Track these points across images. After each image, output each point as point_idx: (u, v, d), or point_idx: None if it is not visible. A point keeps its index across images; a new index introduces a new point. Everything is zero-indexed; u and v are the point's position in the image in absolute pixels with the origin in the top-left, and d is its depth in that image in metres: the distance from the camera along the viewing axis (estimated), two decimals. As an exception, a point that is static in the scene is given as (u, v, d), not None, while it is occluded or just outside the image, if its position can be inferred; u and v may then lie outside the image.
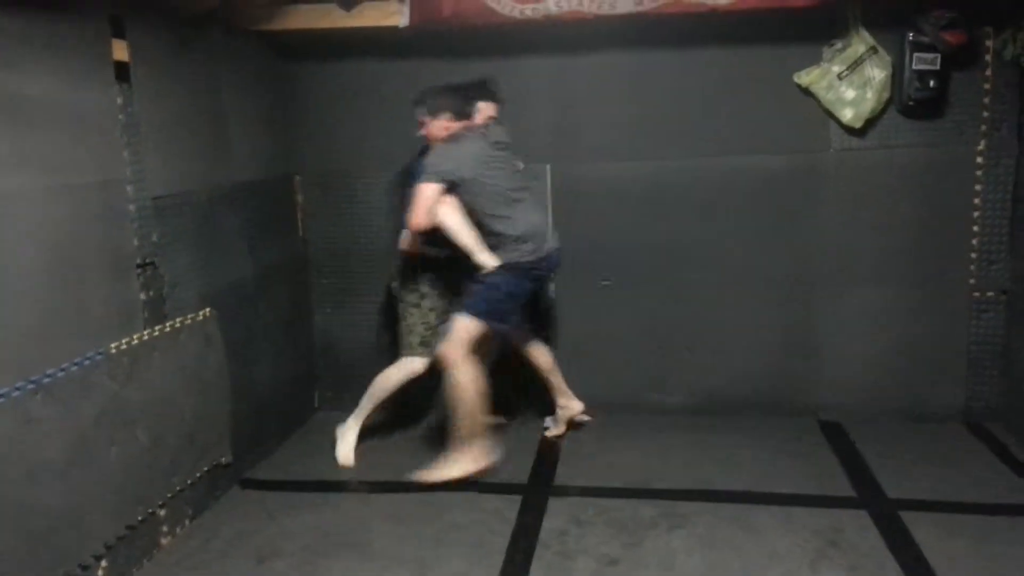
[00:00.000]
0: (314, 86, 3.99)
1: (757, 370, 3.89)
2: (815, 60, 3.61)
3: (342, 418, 3.66)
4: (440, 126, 3.25)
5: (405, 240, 3.31)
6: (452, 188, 3.11)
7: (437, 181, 3.08)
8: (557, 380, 3.70)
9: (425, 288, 3.44)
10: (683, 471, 3.35)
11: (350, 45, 3.84)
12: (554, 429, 3.80)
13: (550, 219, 3.63)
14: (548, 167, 3.87)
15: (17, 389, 2.24)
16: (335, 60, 3.94)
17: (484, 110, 3.37)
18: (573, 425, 3.80)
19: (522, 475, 3.39)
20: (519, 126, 3.82)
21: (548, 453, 3.61)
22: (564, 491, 3.23)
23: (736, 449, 3.53)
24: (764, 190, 3.76)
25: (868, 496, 3.08)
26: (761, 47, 3.64)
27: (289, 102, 3.96)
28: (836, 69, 3.57)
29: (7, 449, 2.19)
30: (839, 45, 3.58)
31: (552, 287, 3.95)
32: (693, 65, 3.71)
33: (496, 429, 3.56)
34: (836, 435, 3.65)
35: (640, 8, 3.33)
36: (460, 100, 3.28)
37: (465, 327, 3.19)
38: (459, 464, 3.29)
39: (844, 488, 3.16)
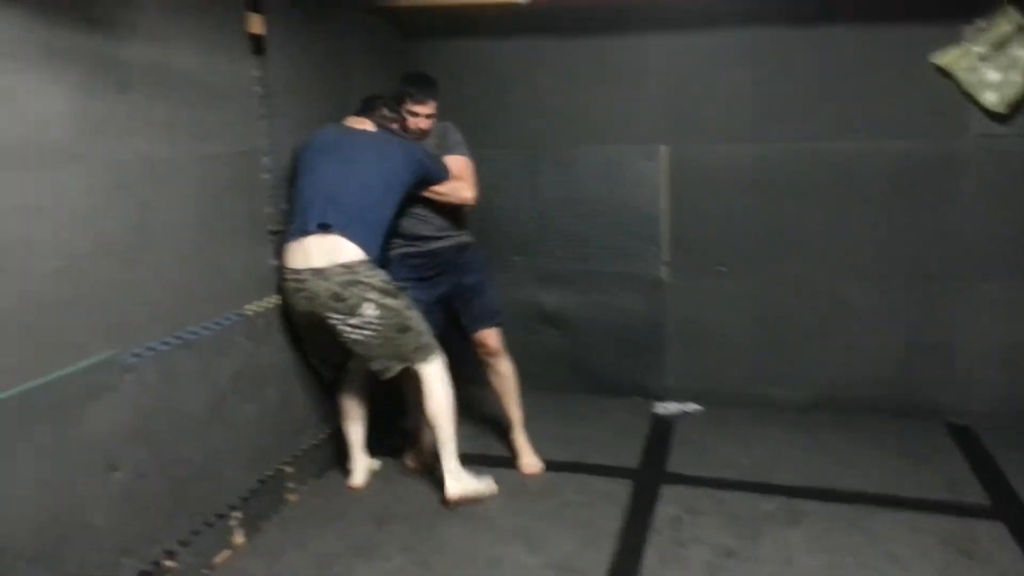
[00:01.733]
0: (432, 63, 4.01)
1: (879, 368, 3.70)
2: (954, 39, 3.39)
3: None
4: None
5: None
6: None
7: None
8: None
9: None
10: (800, 468, 3.23)
11: (469, 22, 3.85)
12: (410, 460, 3.28)
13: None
14: (663, 148, 3.80)
15: (164, 343, 2.36)
16: (453, 37, 3.96)
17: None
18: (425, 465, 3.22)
19: (632, 459, 3.36)
20: (635, 104, 3.81)
21: (658, 440, 3.55)
22: (677, 479, 3.17)
23: (856, 449, 3.39)
24: (892, 176, 3.57)
25: (1005, 506, 2.90)
26: (894, 25, 3.44)
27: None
28: (978, 50, 3.36)
29: (153, 400, 2.32)
30: (982, 24, 3.36)
31: (665, 271, 3.88)
32: (820, 43, 3.55)
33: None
34: (967, 440, 3.45)
35: (770, -19, 3.22)
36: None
37: None
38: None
39: (978, 496, 2.98)
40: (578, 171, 3.92)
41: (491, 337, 3.21)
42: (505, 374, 3.25)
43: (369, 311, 2.73)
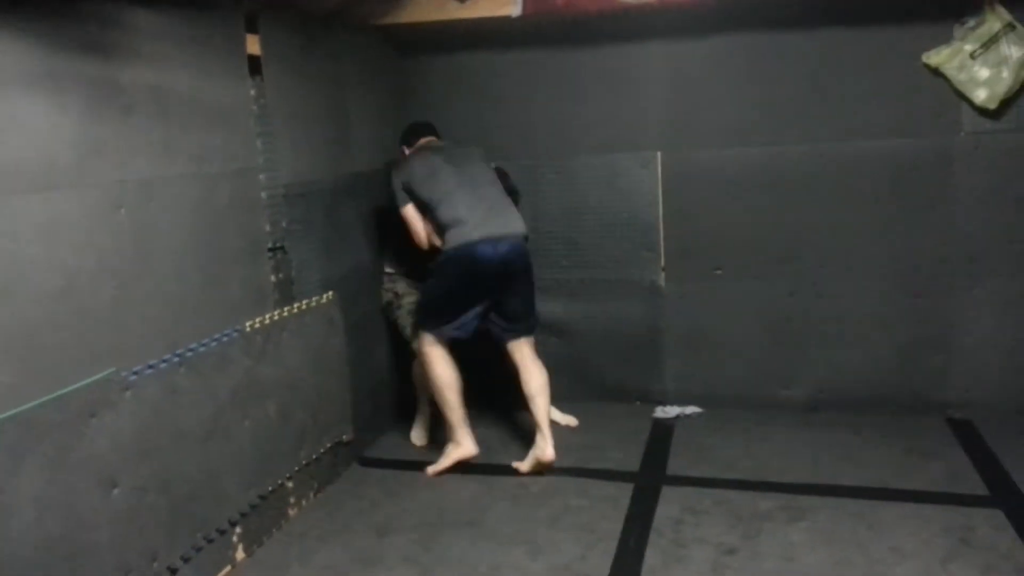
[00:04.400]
0: (427, 78, 4.08)
1: (880, 365, 3.71)
2: (945, 39, 3.42)
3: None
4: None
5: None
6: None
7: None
8: (540, 413, 3.30)
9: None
10: (802, 466, 3.25)
11: (463, 37, 3.89)
12: (522, 466, 3.35)
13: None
14: (659, 154, 3.83)
15: (164, 361, 2.40)
16: (448, 52, 4.01)
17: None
18: (537, 470, 3.30)
19: (633, 462, 3.37)
20: (630, 112, 3.84)
21: (659, 443, 3.57)
22: (678, 480, 3.19)
23: (859, 445, 3.40)
24: (888, 175, 3.59)
25: (1003, 495, 2.91)
26: (885, 26, 3.48)
27: (404, 94, 4.07)
28: (968, 48, 3.38)
29: (155, 417, 2.35)
30: (971, 22, 3.38)
31: (663, 276, 3.90)
32: (813, 46, 3.58)
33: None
34: (967, 433, 3.45)
35: (759, -12, 3.25)
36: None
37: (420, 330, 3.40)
38: (450, 453, 3.36)
39: (977, 487, 2.99)
40: (575, 180, 3.95)
41: None
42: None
43: None
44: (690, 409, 3.84)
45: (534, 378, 3.34)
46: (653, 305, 3.93)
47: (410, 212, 3.36)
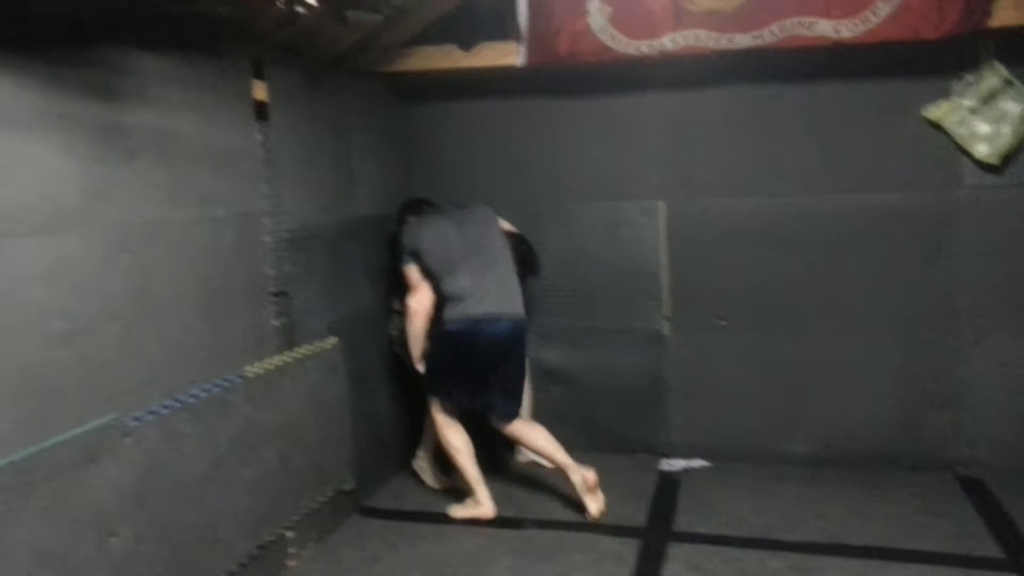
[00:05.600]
0: (430, 125, 4.10)
1: (886, 420, 3.66)
2: (943, 93, 3.46)
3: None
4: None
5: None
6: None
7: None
8: (561, 458, 3.32)
9: None
10: (810, 524, 3.17)
11: (467, 85, 3.93)
12: (591, 506, 3.28)
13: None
14: (662, 203, 3.84)
15: (165, 407, 2.35)
16: (451, 100, 4.04)
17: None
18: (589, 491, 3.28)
19: (639, 517, 3.30)
20: (634, 161, 3.86)
21: (665, 497, 3.50)
22: (684, 537, 3.12)
23: (866, 503, 3.33)
24: (890, 228, 3.60)
25: (1020, 557, 2.83)
26: (886, 80, 3.52)
27: (407, 141, 4.09)
28: (967, 103, 3.42)
29: (154, 463, 2.30)
30: (970, 78, 3.43)
31: (666, 325, 3.88)
32: (813, 99, 3.63)
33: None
34: (978, 492, 3.39)
35: (759, 43, 3.30)
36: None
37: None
38: (470, 508, 3.36)
39: (991, 548, 2.92)
40: (578, 227, 3.95)
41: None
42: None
43: None
44: (696, 462, 3.78)
45: (539, 435, 3.36)
46: (656, 354, 3.89)
47: (413, 274, 3.36)
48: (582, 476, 3.25)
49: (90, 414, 2.09)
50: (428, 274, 3.34)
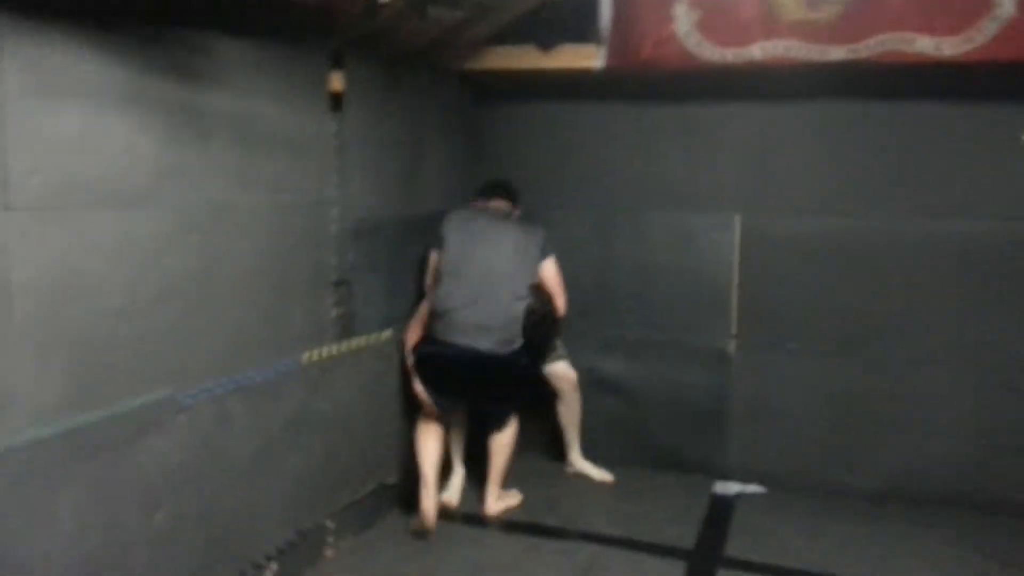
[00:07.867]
0: (502, 126, 4.07)
1: (958, 458, 3.46)
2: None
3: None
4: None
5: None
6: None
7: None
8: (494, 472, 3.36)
9: None
10: (869, 562, 3.01)
11: (543, 86, 3.88)
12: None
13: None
14: (737, 217, 3.71)
15: (219, 386, 2.38)
16: (524, 101, 4.00)
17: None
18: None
19: (688, 540, 3.18)
20: (710, 172, 3.75)
21: (717, 521, 3.37)
22: (734, 564, 2.99)
23: (931, 544, 3.14)
24: (978, 258, 3.39)
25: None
26: (984, 103, 3.31)
27: (477, 140, 4.07)
28: (1072, 131, 3.19)
29: (203, 442, 2.32)
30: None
31: (732, 344, 3.74)
32: (904, 118, 3.44)
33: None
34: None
35: (855, 56, 3.13)
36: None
37: None
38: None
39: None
40: (648, 236, 3.86)
41: None
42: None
43: None
44: (752, 488, 3.64)
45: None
46: (720, 373, 3.77)
47: (432, 258, 3.32)
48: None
49: (145, 389, 2.13)
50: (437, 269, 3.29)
